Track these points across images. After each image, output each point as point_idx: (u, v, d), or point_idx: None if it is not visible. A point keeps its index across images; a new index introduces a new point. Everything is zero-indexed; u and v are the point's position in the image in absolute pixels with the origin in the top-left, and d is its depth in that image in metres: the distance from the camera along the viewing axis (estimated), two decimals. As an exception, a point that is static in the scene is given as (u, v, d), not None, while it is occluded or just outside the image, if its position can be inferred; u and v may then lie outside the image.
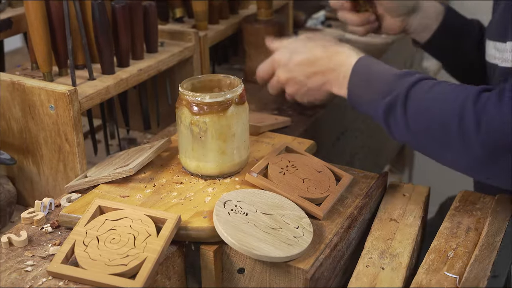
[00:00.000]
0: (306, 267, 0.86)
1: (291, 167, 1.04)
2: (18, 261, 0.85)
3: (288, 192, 0.97)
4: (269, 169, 1.01)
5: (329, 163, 1.07)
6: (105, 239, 0.85)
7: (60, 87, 1.02)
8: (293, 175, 1.02)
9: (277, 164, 1.03)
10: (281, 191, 0.97)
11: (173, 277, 0.90)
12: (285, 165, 1.03)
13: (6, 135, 1.10)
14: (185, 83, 1.02)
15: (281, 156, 1.05)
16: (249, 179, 0.99)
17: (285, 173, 1.02)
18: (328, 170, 1.05)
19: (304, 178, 1.02)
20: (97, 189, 0.99)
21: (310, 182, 1.00)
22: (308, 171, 1.03)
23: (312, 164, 1.06)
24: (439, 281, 0.86)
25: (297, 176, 1.02)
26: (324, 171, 1.05)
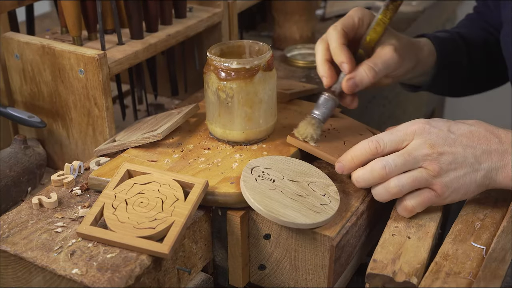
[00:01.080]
0: (332, 234, 0.86)
1: (333, 130, 1.04)
2: (48, 222, 0.87)
3: (328, 153, 0.97)
4: None
5: (371, 128, 1.07)
6: (133, 202, 0.86)
7: (89, 51, 1.02)
8: (335, 137, 1.02)
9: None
10: (322, 152, 0.97)
11: (200, 241, 0.91)
12: (327, 128, 1.03)
13: (36, 98, 1.11)
14: (214, 48, 1.02)
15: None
16: (290, 140, 0.99)
17: (326, 135, 1.02)
18: (370, 133, 1.05)
19: (345, 140, 1.02)
20: (125, 153, 1.00)
21: (351, 144, 1.00)
22: (350, 134, 1.04)
23: (354, 127, 1.06)
24: (465, 252, 0.86)
25: (338, 138, 1.02)
26: (366, 134, 1.04)
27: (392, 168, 0.87)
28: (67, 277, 0.77)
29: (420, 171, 0.88)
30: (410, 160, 0.87)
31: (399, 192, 0.88)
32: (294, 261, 0.91)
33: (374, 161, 0.89)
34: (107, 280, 0.76)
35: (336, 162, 0.94)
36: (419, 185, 0.88)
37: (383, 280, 0.82)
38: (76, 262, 0.79)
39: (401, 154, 0.88)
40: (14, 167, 1.02)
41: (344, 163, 0.92)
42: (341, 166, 0.92)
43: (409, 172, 0.88)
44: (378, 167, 0.88)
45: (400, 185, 0.88)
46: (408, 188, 0.88)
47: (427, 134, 0.88)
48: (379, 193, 0.90)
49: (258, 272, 0.95)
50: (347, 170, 0.93)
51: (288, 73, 1.38)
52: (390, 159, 0.88)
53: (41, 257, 0.80)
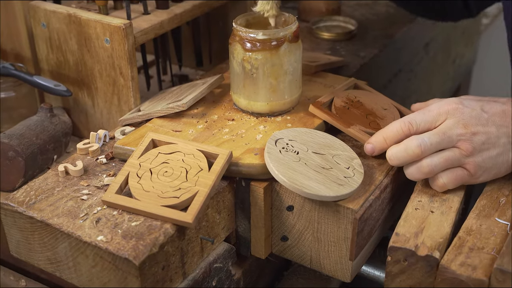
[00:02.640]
0: (356, 207, 0.86)
1: (356, 102, 1.03)
2: (74, 189, 0.88)
3: (347, 125, 0.97)
4: (334, 102, 1.01)
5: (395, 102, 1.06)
6: (158, 171, 0.87)
7: (115, 21, 1.02)
8: (357, 110, 1.01)
9: (343, 98, 1.03)
10: (341, 123, 0.97)
11: (223, 211, 0.91)
12: (350, 100, 1.03)
13: (62, 67, 1.12)
14: (239, 18, 1.01)
15: (348, 91, 1.05)
16: (312, 110, 0.99)
17: (349, 108, 1.01)
18: (394, 109, 1.04)
19: (368, 113, 1.01)
20: (150, 123, 1.01)
21: (373, 118, 0.99)
22: (373, 108, 1.03)
23: (378, 101, 1.05)
24: (489, 227, 0.85)
25: (361, 111, 1.01)
26: (390, 109, 1.03)
27: (428, 147, 0.86)
28: (93, 243, 0.78)
29: (453, 150, 0.87)
30: (445, 139, 0.86)
31: (431, 171, 0.88)
32: (317, 233, 0.91)
33: (409, 139, 0.88)
34: (131, 248, 0.77)
35: (366, 143, 0.93)
36: (452, 164, 0.88)
37: (405, 254, 0.82)
38: (101, 229, 0.80)
39: (436, 133, 0.87)
40: (40, 135, 1.03)
41: (375, 144, 0.91)
42: (372, 147, 0.92)
43: (442, 152, 0.87)
44: (413, 145, 0.87)
45: (433, 164, 0.87)
46: (440, 168, 0.88)
47: (460, 114, 0.87)
48: (411, 173, 0.90)
49: (280, 243, 0.96)
50: (378, 151, 0.92)
51: (314, 46, 1.37)
52: (426, 137, 0.87)
53: (67, 223, 0.81)
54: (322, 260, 0.92)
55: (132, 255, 0.76)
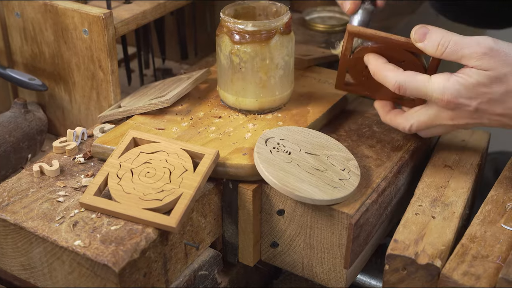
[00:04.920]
0: (351, 211, 0.87)
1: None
2: (49, 191, 0.88)
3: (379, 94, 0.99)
4: (350, 72, 1.02)
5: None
6: (139, 172, 0.87)
7: (94, 10, 1.02)
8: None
9: (356, 64, 1.00)
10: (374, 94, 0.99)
11: (209, 215, 0.92)
12: (363, 63, 1.00)
13: (38, 60, 1.12)
14: (227, 8, 1.02)
15: (353, 56, 1.01)
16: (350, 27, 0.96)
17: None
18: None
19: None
20: (131, 120, 1.01)
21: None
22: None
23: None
24: (494, 234, 0.86)
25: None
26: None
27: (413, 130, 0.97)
28: (69, 249, 0.79)
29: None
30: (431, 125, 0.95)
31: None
32: (309, 239, 0.92)
33: (397, 121, 0.98)
34: (111, 253, 0.78)
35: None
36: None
37: (404, 262, 0.83)
38: (78, 233, 0.81)
39: (423, 121, 0.95)
40: (13, 132, 1.03)
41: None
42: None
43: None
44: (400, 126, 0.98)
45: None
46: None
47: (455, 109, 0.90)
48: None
49: (270, 250, 0.97)
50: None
51: (307, 38, 1.37)
52: (414, 126, 0.96)
53: (42, 227, 0.82)
54: (315, 268, 0.93)
55: (112, 261, 0.77)
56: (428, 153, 1.05)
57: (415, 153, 1.01)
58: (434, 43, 0.89)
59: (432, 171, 0.99)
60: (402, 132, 1.03)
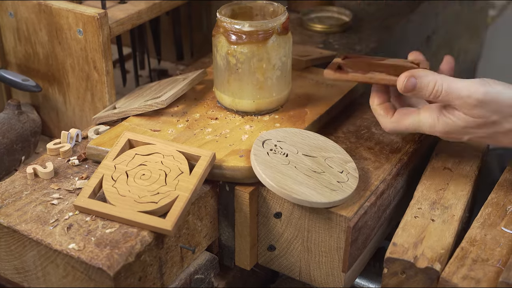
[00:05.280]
0: (349, 214, 0.87)
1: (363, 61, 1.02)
2: (43, 193, 0.89)
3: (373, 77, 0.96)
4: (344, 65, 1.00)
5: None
6: (134, 174, 0.87)
7: (89, 10, 1.02)
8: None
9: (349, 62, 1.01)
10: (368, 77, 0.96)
11: (205, 218, 0.92)
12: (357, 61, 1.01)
13: (31, 60, 1.12)
14: (224, 8, 1.02)
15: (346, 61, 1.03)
16: (328, 74, 0.98)
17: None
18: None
19: (382, 69, 0.99)
20: (126, 121, 1.01)
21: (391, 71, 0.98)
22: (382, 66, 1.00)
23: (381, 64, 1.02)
24: (494, 237, 0.86)
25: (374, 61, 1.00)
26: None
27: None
28: (64, 252, 0.79)
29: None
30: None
31: None
32: (307, 243, 0.92)
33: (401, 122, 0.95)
34: (105, 257, 0.78)
35: (409, 77, 0.91)
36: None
37: (403, 266, 0.83)
38: (73, 236, 0.81)
39: (419, 127, 0.94)
40: (7, 133, 1.03)
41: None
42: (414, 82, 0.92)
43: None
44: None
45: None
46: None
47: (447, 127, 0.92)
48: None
49: (267, 253, 0.97)
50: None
51: (305, 38, 1.38)
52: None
53: (36, 230, 0.82)
54: (312, 271, 0.93)
55: (106, 264, 0.77)
56: (427, 155, 1.05)
57: (414, 155, 1.01)
58: (426, 92, 0.90)
59: (432, 173, 0.99)
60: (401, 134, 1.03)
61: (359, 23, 1.46)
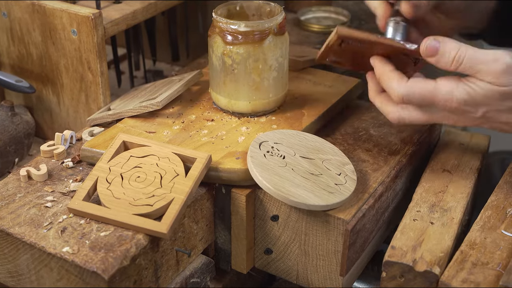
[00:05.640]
0: (347, 217, 0.87)
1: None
2: (37, 196, 0.89)
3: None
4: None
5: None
6: (129, 177, 0.87)
7: (83, 10, 1.03)
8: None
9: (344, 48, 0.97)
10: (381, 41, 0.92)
11: (201, 221, 0.92)
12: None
13: (25, 61, 1.12)
14: (220, 8, 1.02)
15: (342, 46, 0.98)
16: (341, 31, 0.92)
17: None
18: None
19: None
20: (121, 123, 1.01)
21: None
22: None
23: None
24: (494, 240, 0.86)
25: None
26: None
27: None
28: (58, 255, 0.79)
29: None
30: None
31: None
32: (304, 246, 0.92)
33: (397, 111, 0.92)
34: (100, 260, 0.78)
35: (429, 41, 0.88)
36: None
37: (402, 269, 0.83)
38: (67, 239, 0.81)
39: (420, 117, 0.90)
40: (0, 135, 1.03)
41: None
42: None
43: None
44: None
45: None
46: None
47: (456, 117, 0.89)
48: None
49: (264, 257, 0.97)
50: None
51: (302, 39, 1.38)
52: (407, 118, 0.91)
53: (29, 233, 0.82)
54: (310, 275, 0.94)
55: (101, 268, 0.77)
56: (427, 157, 1.05)
57: (413, 157, 1.01)
58: (448, 58, 0.86)
59: (431, 175, 0.99)
60: (399, 135, 1.04)
61: (357, 23, 1.46)
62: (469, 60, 0.84)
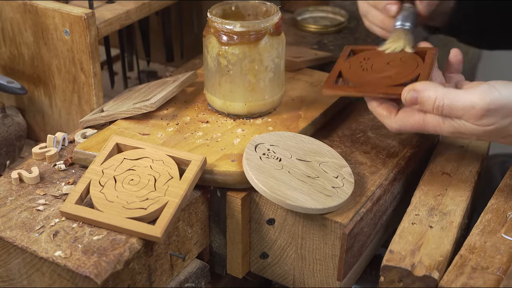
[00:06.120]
0: (344, 221, 0.88)
1: (367, 60, 1.01)
2: (29, 199, 0.89)
3: (374, 88, 0.95)
4: (344, 73, 0.99)
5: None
6: (123, 179, 0.88)
7: (76, 10, 1.03)
8: (373, 68, 0.98)
9: (351, 65, 1.00)
10: (368, 90, 0.95)
11: (196, 225, 0.93)
12: (359, 62, 1.01)
13: (16, 62, 1.12)
14: (215, 8, 1.02)
15: (350, 59, 1.03)
16: (326, 92, 0.97)
17: (364, 69, 0.99)
18: (411, 54, 1.01)
19: (388, 61, 0.99)
20: (114, 125, 1.02)
21: (396, 64, 0.98)
22: (387, 58, 1.00)
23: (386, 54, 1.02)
24: (494, 244, 0.86)
25: (378, 66, 0.99)
26: (407, 55, 1.00)
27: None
28: (50, 259, 0.79)
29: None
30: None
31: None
32: (301, 250, 0.92)
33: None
34: (93, 265, 0.78)
35: (409, 91, 0.90)
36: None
37: (400, 274, 0.83)
38: (59, 243, 0.81)
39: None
40: (-10, 137, 1.04)
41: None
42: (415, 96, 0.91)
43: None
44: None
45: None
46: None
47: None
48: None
49: (260, 261, 0.97)
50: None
51: (298, 39, 1.38)
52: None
53: (21, 237, 0.82)
54: (307, 280, 0.94)
55: (94, 272, 0.77)
56: (426, 160, 1.06)
57: (411, 160, 1.02)
58: (428, 106, 0.89)
59: (430, 178, 0.99)
60: (398, 138, 1.04)
61: (354, 23, 1.47)
62: (449, 107, 0.88)
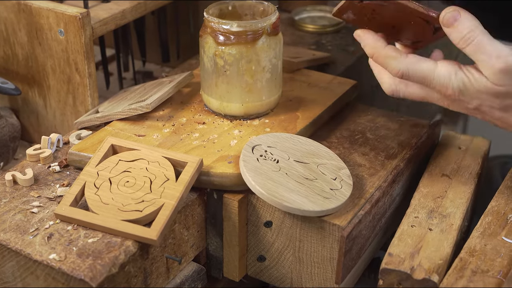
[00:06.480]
0: (343, 223, 0.88)
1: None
2: (23, 201, 0.89)
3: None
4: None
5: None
6: (118, 181, 0.88)
7: (70, 9, 1.03)
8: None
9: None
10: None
11: (192, 227, 0.93)
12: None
13: (10, 62, 1.12)
14: (212, 8, 1.03)
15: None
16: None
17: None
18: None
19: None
20: (109, 126, 1.02)
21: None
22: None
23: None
24: (495, 247, 0.87)
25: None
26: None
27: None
28: (44, 262, 0.79)
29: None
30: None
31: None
32: (298, 253, 0.92)
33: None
34: (88, 268, 0.78)
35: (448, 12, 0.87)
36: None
37: (399, 277, 0.84)
38: (53, 246, 0.81)
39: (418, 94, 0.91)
40: (-17, 139, 1.04)
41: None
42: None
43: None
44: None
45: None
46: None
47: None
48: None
49: (257, 264, 0.97)
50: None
51: (296, 39, 1.38)
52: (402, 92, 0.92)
53: (15, 239, 0.82)
54: (305, 283, 0.94)
55: (89, 276, 0.77)
56: (425, 161, 1.06)
57: (411, 161, 1.02)
58: (459, 34, 0.86)
59: (429, 180, 1.00)
60: (397, 139, 1.04)
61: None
62: (476, 46, 0.85)
